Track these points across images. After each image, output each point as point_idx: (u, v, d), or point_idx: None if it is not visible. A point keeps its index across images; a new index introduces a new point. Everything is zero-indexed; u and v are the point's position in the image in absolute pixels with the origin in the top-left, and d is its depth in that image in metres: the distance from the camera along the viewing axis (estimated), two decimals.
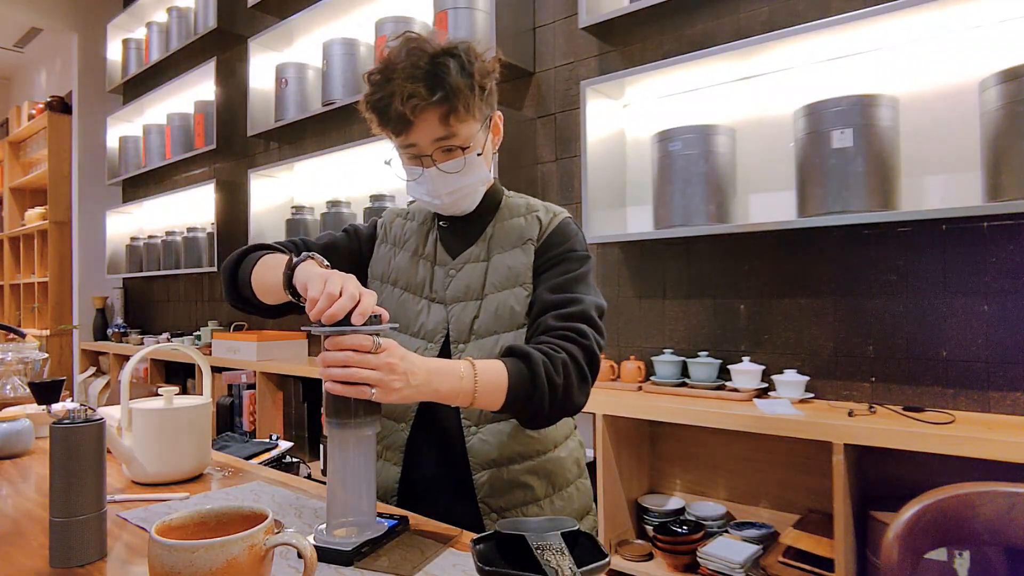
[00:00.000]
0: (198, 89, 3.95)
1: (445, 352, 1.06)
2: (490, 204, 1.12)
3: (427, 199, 1.06)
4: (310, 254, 0.92)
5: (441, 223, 1.14)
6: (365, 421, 0.83)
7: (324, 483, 0.92)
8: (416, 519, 0.92)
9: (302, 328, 0.85)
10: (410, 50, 0.96)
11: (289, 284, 0.91)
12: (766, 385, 1.86)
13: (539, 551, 0.70)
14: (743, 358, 1.89)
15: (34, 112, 5.48)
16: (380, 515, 0.87)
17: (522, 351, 0.92)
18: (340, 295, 0.78)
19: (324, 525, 0.84)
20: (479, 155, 1.03)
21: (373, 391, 0.77)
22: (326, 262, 0.91)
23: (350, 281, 0.80)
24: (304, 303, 0.84)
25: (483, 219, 1.11)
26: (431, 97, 0.94)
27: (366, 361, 0.77)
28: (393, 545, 0.81)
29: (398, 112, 0.95)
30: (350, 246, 1.18)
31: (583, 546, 0.74)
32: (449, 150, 1.00)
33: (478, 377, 0.87)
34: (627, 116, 2.24)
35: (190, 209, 4.16)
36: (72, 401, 2.51)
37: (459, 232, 1.12)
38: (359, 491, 0.83)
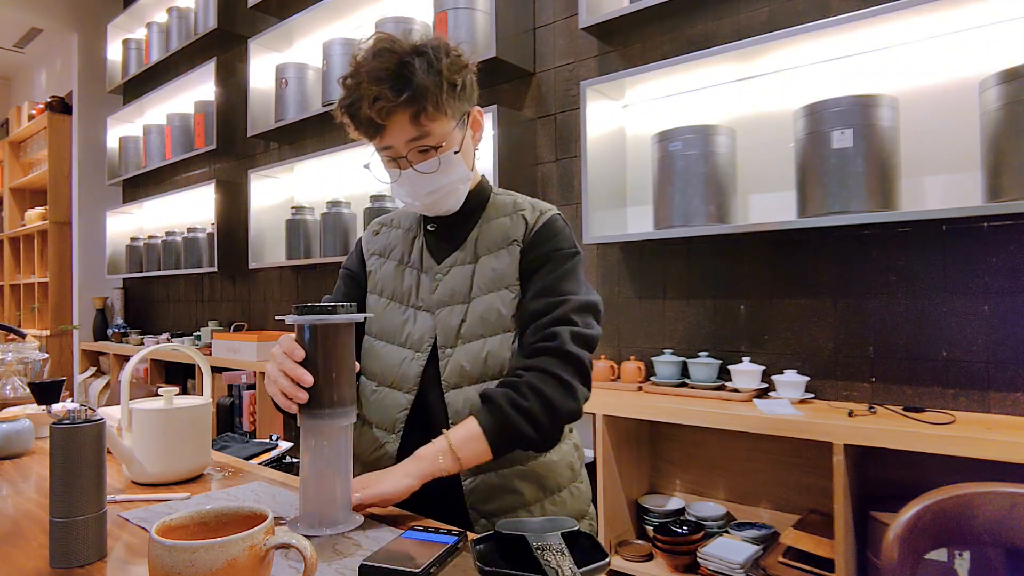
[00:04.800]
0: (198, 89, 3.95)
1: (434, 359, 1.05)
2: (476, 203, 1.11)
3: (408, 200, 1.06)
4: None
5: (428, 226, 1.13)
6: (339, 412, 0.82)
7: None
8: (415, 519, 0.92)
9: (276, 317, 0.89)
10: (378, 51, 0.96)
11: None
12: (766, 385, 1.86)
13: (539, 551, 0.70)
14: (743, 358, 1.89)
15: (34, 112, 5.48)
16: (438, 530, 0.83)
17: (485, 396, 0.96)
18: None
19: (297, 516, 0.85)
20: (456, 153, 1.02)
21: (358, 495, 0.87)
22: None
23: (272, 363, 0.86)
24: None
25: (469, 220, 1.10)
26: (397, 98, 0.93)
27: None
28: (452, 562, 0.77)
29: (367, 116, 0.95)
30: (358, 294, 1.18)
31: (583, 546, 0.74)
32: (424, 150, 0.99)
33: (452, 442, 0.92)
34: (627, 116, 2.24)
35: (190, 209, 4.16)
36: (72, 401, 2.51)
37: (446, 235, 1.11)
38: (333, 483, 0.82)
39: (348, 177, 3.19)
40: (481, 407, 0.95)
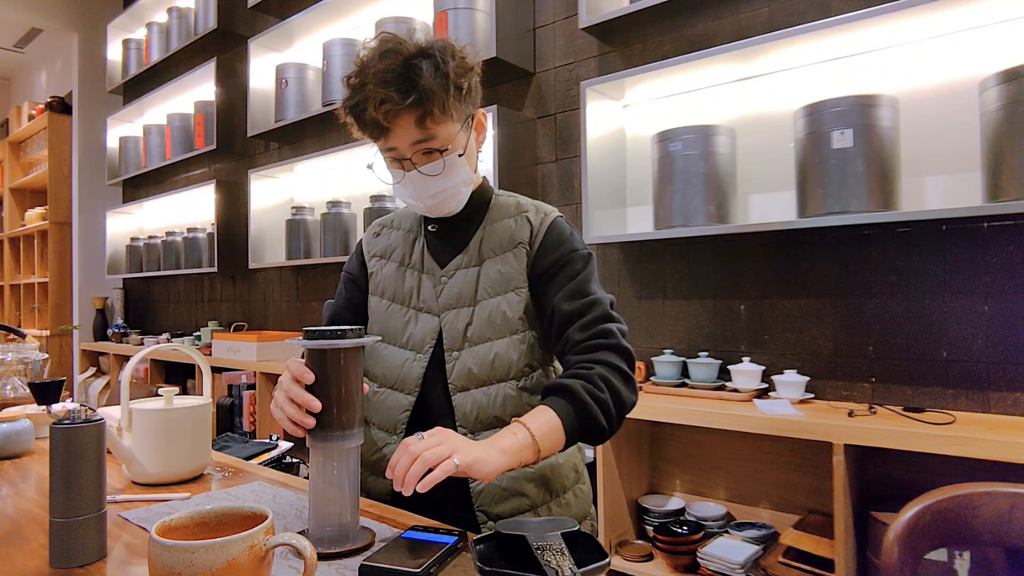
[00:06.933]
0: (198, 89, 3.95)
1: (437, 361, 1.05)
2: (478, 204, 1.10)
3: (411, 202, 1.06)
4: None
5: (429, 227, 1.12)
6: (347, 435, 0.82)
7: None
8: (415, 519, 0.92)
9: (287, 342, 0.88)
10: (384, 52, 0.95)
11: None
12: (766, 385, 1.86)
13: (539, 551, 0.70)
14: (743, 358, 1.89)
15: (34, 112, 5.48)
16: (438, 530, 0.84)
17: (559, 386, 0.92)
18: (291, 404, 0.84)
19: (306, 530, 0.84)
20: (461, 155, 1.02)
21: (456, 461, 0.78)
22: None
23: (280, 389, 0.85)
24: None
25: (472, 221, 1.10)
26: (404, 101, 0.92)
27: (423, 447, 0.79)
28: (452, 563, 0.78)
29: (372, 118, 0.95)
30: (360, 298, 1.17)
31: (583, 546, 0.74)
32: (429, 152, 0.99)
33: (534, 433, 0.86)
34: (627, 116, 2.23)
35: (190, 209, 4.16)
36: (72, 401, 2.51)
37: (447, 237, 1.10)
38: (342, 503, 0.82)
39: (348, 177, 3.19)
40: (554, 397, 0.91)
